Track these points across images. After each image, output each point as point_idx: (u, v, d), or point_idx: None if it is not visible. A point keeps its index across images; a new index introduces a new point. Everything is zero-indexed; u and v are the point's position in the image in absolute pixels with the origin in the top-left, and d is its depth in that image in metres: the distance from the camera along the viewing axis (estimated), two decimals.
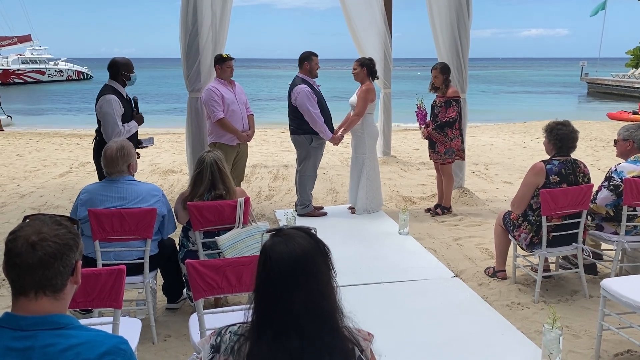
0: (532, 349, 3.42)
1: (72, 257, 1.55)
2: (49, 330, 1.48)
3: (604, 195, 4.31)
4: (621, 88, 34.36)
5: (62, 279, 1.53)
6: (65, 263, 1.52)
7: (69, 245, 1.54)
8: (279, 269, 1.49)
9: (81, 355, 1.46)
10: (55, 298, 1.53)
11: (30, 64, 51.74)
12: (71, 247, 1.54)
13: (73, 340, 1.48)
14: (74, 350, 1.46)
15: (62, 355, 1.45)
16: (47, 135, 15.19)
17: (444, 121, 6.13)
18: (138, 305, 4.00)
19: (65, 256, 1.52)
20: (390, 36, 8.99)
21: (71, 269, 1.55)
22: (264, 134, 14.19)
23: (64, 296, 1.56)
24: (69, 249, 1.53)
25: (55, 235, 1.52)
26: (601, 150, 11.20)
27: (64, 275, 1.53)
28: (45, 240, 1.50)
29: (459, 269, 4.81)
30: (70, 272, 1.55)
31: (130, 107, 5.33)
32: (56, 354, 1.45)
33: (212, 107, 5.80)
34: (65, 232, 1.55)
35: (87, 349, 1.47)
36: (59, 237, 1.52)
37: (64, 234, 1.54)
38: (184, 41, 6.12)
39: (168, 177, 8.87)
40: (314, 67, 6.15)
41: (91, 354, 1.46)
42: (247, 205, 3.90)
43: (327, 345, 1.48)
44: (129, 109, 5.29)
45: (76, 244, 1.56)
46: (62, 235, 1.53)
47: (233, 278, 2.67)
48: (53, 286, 1.52)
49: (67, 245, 1.53)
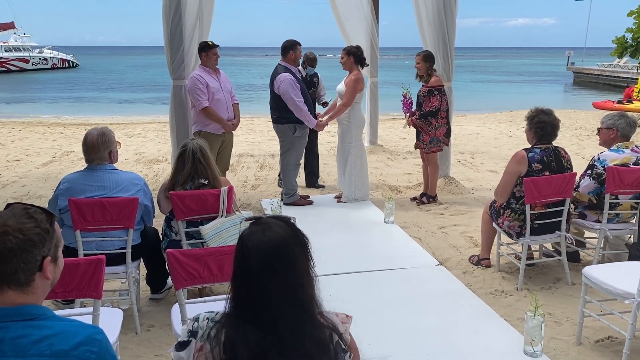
0: (515, 335, 3.45)
1: (36, 253, 1.47)
2: (19, 322, 1.44)
3: (587, 184, 4.34)
4: (606, 77, 34.65)
5: (26, 275, 1.46)
6: (26, 259, 1.45)
7: (32, 241, 1.46)
8: (256, 258, 1.48)
9: (54, 347, 1.41)
10: (23, 292, 1.47)
11: (14, 52, 50.84)
12: (35, 242, 1.47)
13: (46, 331, 1.44)
14: (47, 342, 1.42)
15: (34, 347, 1.41)
16: (30, 124, 14.96)
17: (427, 111, 6.13)
18: (121, 295, 3.97)
19: (25, 252, 1.45)
20: (377, 24, 8.93)
21: (37, 265, 1.48)
22: (251, 123, 14.11)
23: (33, 291, 1.49)
24: (31, 245, 1.46)
25: (19, 230, 1.45)
26: (586, 139, 11.30)
27: (27, 271, 1.46)
28: (7, 235, 1.44)
29: (444, 257, 4.83)
30: (36, 268, 1.48)
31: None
32: (28, 346, 1.41)
33: (197, 95, 5.72)
34: (32, 226, 1.47)
35: (61, 340, 1.43)
36: (22, 232, 1.45)
37: (30, 229, 1.46)
38: (167, 28, 6.03)
39: (153, 167, 8.79)
40: (298, 56, 6.12)
41: (65, 344, 1.42)
42: (230, 194, 3.86)
43: (303, 334, 1.47)
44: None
45: (42, 240, 1.48)
46: (26, 230, 1.46)
47: (215, 267, 2.65)
48: (16, 281, 1.46)
49: (29, 241, 1.46)
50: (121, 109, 22.86)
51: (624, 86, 26.45)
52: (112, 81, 41.27)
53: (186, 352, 1.55)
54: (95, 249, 3.60)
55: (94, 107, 24.02)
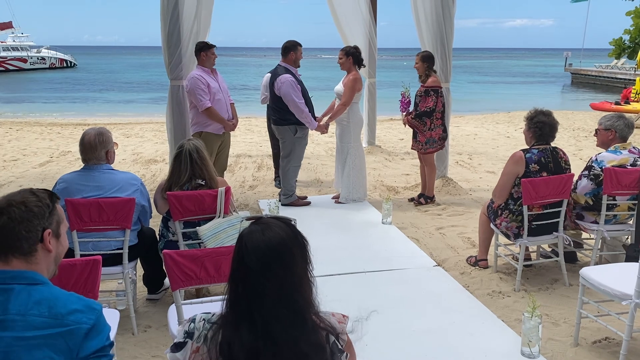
0: (512, 336, 3.45)
1: (36, 223, 1.64)
2: (23, 285, 1.59)
3: (584, 184, 4.34)
4: (604, 79, 34.67)
5: (29, 243, 1.63)
6: (27, 228, 1.62)
7: (32, 211, 1.64)
8: (255, 257, 1.48)
9: (53, 309, 1.56)
10: (26, 261, 1.63)
11: (12, 51, 50.74)
12: (35, 213, 1.64)
13: (47, 295, 1.59)
14: (46, 304, 1.56)
15: (35, 307, 1.55)
16: (28, 124, 14.92)
17: (421, 111, 6.13)
18: (118, 296, 3.95)
19: (26, 221, 1.62)
20: (375, 25, 8.94)
21: (38, 235, 1.64)
22: (249, 124, 14.09)
23: (36, 261, 1.65)
24: (32, 215, 1.63)
25: (22, 202, 1.64)
26: (583, 140, 11.31)
27: (29, 239, 1.63)
28: (11, 206, 1.62)
29: (441, 258, 4.83)
30: (38, 239, 1.64)
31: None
32: (29, 305, 1.55)
33: (199, 95, 5.67)
34: (34, 200, 1.65)
35: (60, 304, 1.57)
36: (24, 204, 1.64)
37: (31, 202, 1.65)
38: (164, 27, 6.01)
39: (150, 167, 8.77)
40: (299, 57, 6.11)
41: (63, 309, 1.57)
42: (228, 194, 3.85)
43: (297, 336, 1.46)
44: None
45: (42, 212, 1.66)
46: (28, 202, 1.64)
47: (211, 268, 2.64)
48: (19, 248, 1.62)
49: (30, 211, 1.63)
50: (119, 109, 22.80)
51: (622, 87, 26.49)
52: (109, 81, 41.18)
53: (182, 353, 1.55)
54: (92, 250, 3.59)
55: (92, 107, 23.96)
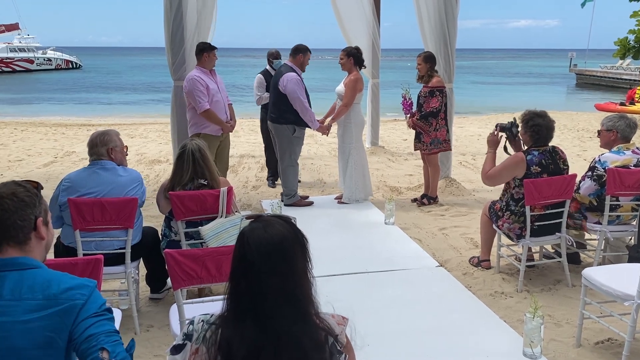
0: (515, 337, 3.44)
1: (29, 212, 1.71)
2: (16, 271, 1.65)
3: (588, 185, 4.33)
4: (609, 79, 34.54)
5: (23, 232, 1.69)
6: (21, 217, 1.69)
7: (24, 201, 1.70)
8: (257, 254, 1.48)
9: (46, 291, 1.61)
10: (21, 250, 1.70)
11: (19, 52, 51.04)
12: (27, 203, 1.71)
13: (39, 278, 1.64)
14: (40, 287, 1.62)
15: (29, 292, 1.61)
16: (33, 124, 14.99)
17: (427, 111, 6.12)
18: (120, 295, 3.97)
19: (20, 211, 1.69)
20: (379, 26, 8.94)
21: (31, 224, 1.71)
22: (253, 124, 14.07)
23: (30, 249, 1.71)
24: (24, 205, 1.70)
25: (12, 194, 1.70)
26: (588, 141, 11.26)
27: (24, 228, 1.69)
28: (2, 199, 1.68)
29: (444, 258, 4.82)
30: (31, 227, 1.71)
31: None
32: (23, 290, 1.61)
33: (198, 97, 5.62)
34: (22, 190, 1.72)
35: (54, 285, 1.63)
36: (15, 195, 1.70)
37: (21, 192, 1.71)
38: (168, 28, 6.04)
39: (154, 167, 8.81)
40: (306, 62, 6.14)
41: (56, 289, 1.62)
42: (230, 194, 3.86)
43: (298, 333, 1.47)
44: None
45: (32, 202, 1.72)
46: (18, 193, 1.70)
47: (213, 268, 2.65)
48: (14, 238, 1.68)
49: (22, 201, 1.70)
50: (123, 109, 22.89)
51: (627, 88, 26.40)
52: (114, 82, 41.33)
53: (181, 355, 1.55)
54: (94, 249, 3.60)
55: (97, 107, 24.06)
